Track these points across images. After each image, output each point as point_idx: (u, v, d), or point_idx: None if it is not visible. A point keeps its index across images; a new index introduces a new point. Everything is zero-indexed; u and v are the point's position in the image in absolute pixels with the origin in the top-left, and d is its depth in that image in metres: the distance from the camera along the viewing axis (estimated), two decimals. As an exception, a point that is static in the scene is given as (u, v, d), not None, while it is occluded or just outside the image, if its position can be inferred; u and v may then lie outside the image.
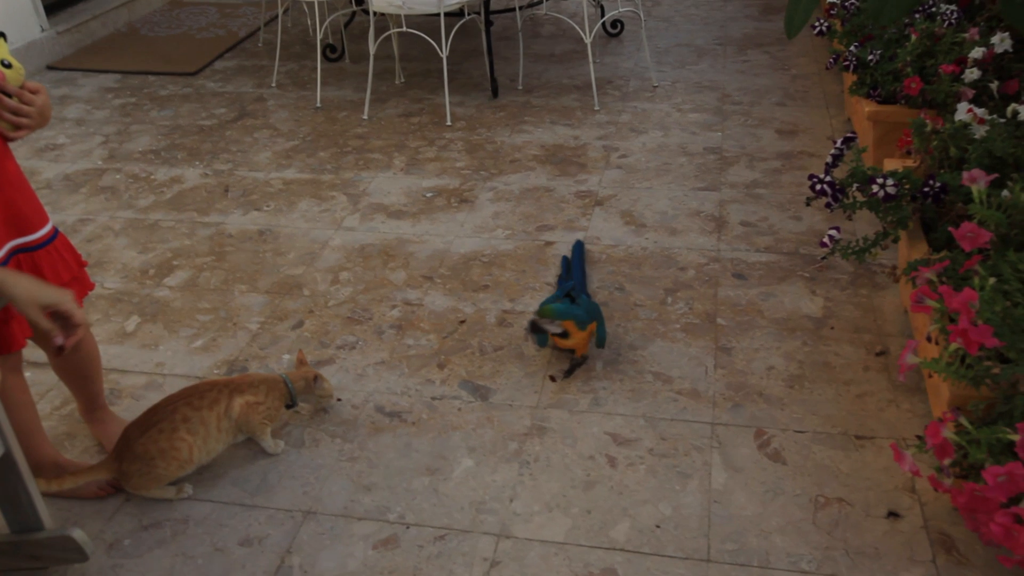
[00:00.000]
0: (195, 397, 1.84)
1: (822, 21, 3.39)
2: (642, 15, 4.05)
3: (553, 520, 1.76)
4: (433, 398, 2.10)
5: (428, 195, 3.03)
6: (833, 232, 2.13)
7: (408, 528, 1.76)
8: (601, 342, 2.20)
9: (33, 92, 1.58)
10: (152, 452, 1.78)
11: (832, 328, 2.25)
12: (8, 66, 1.53)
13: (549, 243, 2.71)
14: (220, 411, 1.85)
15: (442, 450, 1.95)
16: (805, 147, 3.21)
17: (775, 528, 1.71)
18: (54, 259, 1.67)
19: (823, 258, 2.48)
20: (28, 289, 1.42)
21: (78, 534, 1.61)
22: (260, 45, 4.56)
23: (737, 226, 2.75)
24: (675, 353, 2.21)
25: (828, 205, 2.17)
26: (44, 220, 1.68)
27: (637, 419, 2.00)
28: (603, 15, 4.37)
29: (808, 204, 2.28)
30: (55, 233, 1.70)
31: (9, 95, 1.54)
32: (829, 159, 2.31)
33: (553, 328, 2.07)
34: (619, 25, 4.46)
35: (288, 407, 1.99)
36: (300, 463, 1.93)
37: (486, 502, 1.81)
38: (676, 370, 2.15)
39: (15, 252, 1.62)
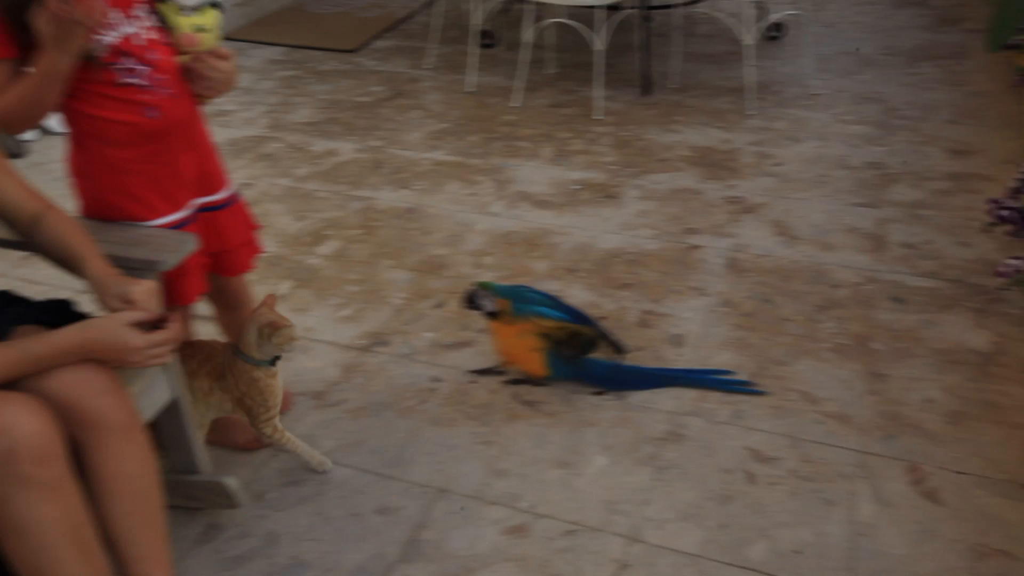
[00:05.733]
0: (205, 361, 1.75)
1: (1011, 36, 3.15)
2: (806, 19, 3.89)
3: (686, 530, 1.72)
4: (571, 392, 2.09)
5: (574, 188, 3.02)
6: (1016, 262, 1.98)
7: (539, 518, 1.76)
8: (557, 372, 1.97)
9: (222, 58, 1.63)
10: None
11: (1002, 366, 2.10)
12: (204, 31, 1.60)
13: (695, 247, 2.65)
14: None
15: (576, 445, 1.94)
16: (979, 169, 3.00)
17: (927, 572, 1.61)
18: (235, 221, 1.76)
19: (1000, 289, 2.31)
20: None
21: (231, 482, 1.70)
22: (417, 27, 4.66)
23: (897, 247, 2.60)
24: (823, 373, 2.11)
25: (1014, 233, 2.02)
26: (227, 181, 1.77)
27: (779, 437, 1.93)
28: (764, 17, 4.22)
29: (989, 230, 2.13)
30: (236, 196, 1.78)
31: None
32: (1016, 183, 2.15)
33: (486, 303, 1.89)
34: (780, 28, 4.30)
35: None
36: (435, 440, 1.96)
37: (618, 503, 1.78)
38: (824, 391, 2.06)
39: (200, 211, 1.71)
